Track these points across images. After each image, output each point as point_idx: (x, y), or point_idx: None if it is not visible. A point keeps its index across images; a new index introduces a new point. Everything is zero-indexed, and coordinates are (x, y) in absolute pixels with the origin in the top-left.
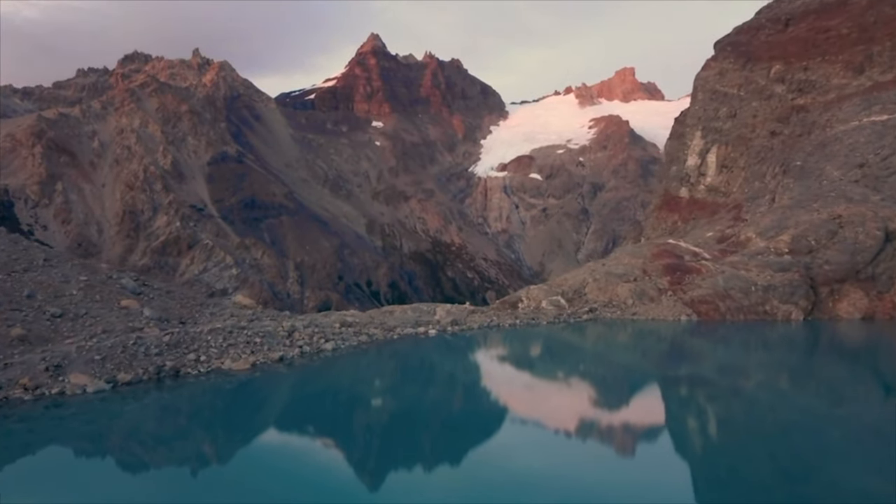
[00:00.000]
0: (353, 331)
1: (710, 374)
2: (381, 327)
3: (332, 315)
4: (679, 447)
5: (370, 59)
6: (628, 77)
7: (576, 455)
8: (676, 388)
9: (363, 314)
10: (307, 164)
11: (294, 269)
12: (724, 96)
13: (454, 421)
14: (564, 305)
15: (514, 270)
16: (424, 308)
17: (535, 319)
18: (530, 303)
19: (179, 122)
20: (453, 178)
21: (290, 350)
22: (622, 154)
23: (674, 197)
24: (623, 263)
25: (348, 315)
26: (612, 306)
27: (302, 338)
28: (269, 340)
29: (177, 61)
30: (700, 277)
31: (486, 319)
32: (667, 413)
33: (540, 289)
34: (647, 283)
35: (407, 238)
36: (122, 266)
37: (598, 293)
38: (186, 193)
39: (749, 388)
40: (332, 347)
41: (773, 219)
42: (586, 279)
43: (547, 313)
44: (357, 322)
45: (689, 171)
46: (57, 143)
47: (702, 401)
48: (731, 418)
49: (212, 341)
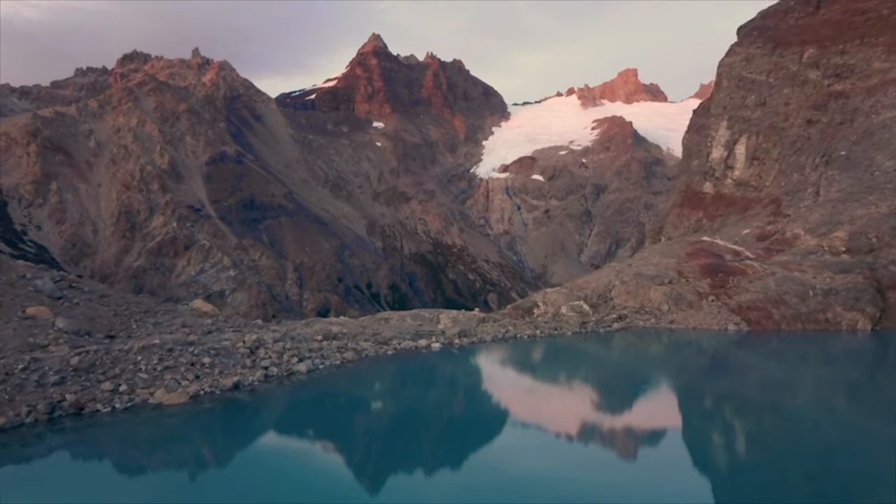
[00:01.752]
0: (338, 345)
1: (779, 399)
2: (374, 339)
3: (316, 324)
4: (729, 483)
5: (371, 59)
6: (631, 78)
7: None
8: (744, 428)
9: (353, 322)
10: (307, 165)
11: (293, 270)
12: (752, 83)
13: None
14: (588, 312)
15: (517, 272)
16: (426, 315)
17: (557, 329)
18: (547, 308)
19: (178, 121)
20: (455, 180)
21: (250, 373)
22: (625, 155)
23: (696, 192)
24: (653, 264)
25: (334, 324)
26: (645, 313)
27: (268, 356)
28: (224, 361)
29: (176, 61)
30: (746, 280)
31: (500, 329)
32: (723, 443)
33: (558, 292)
34: (684, 286)
35: (408, 239)
36: (118, 267)
37: (627, 297)
38: (184, 194)
39: (822, 419)
40: (308, 368)
41: (822, 213)
42: (612, 282)
43: (569, 321)
44: (344, 333)
45: (713, 165)
46: (52, 142)
47: (770, 441)
48: (791, 447)
49: (142, 363)
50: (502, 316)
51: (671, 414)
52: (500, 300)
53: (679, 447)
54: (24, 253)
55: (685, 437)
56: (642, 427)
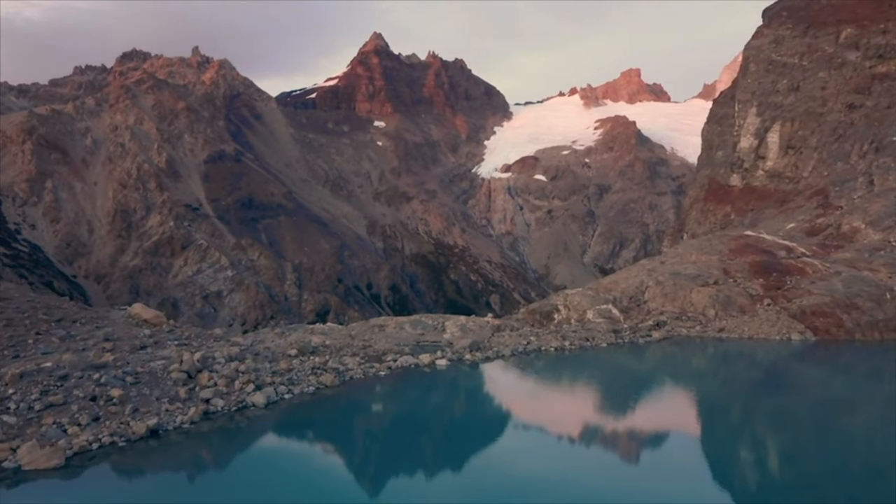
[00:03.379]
0: (315, 363)
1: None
2: (363, 354)
3: (292, 333)
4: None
5: (373, 58)
6: (634, 78)
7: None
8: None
9: (340, 330)
10: (307, 164)
11: (292, 270)
12: (783, 67)
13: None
14: (618, 317)
15: (519, 273)
16: (429, 322)
17: (588, 340)
18: (570, 313)
19: (176, 119)
20: (456, 179)
21: (181, 410)
22: (629, 155)
23: (722, 186)
24: (690, 261)
25: (316, 333)
26: (688, 319)
27: (213, 383)
28: (145, 392)
29: (176, 59)
30: (807, 280)
31: (520, 341)
32: None
33: (582, 294)
34: (733, 287)
35: (409, 240)
36: (113, 267)
37: (664, 301)
38: (181, 192)
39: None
40: (268, 400)
41: (884, 205)
42: (644, 282)
43: (597, 328)
44: (326, 346)
45: (742, 156)
46: (48, 140)
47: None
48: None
49: (13, 399)
50: (520, 323)
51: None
52: (502, 301)
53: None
54: (18, 252)
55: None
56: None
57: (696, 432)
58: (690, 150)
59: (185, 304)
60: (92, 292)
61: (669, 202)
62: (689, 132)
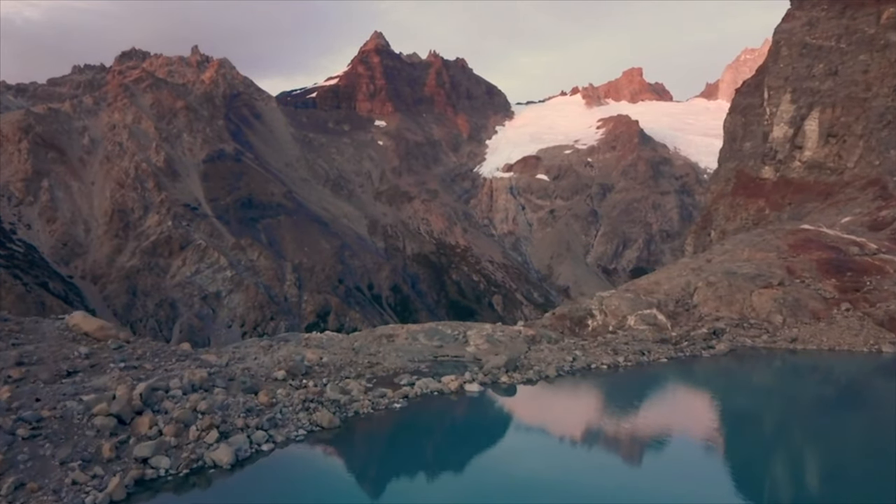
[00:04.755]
0: (309, 391)
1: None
2: (370, 375)
3: (281, 348)
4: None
5: (373, 57)
6: (636, 77)
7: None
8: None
9: (340, 342)
10: (308, 164)
11: (292, 271)
12: (819, 50)
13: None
14: (665, 324)
15: (522, 274)
16: (447, 331)
17: (644, 354)
18: (607, 319)
19: (175, 118)
20: (458, 179)
21: (97, 484)
22: (632, 154)
23: (752, 179)
24: (743, 259)
25: (311, 346)
26: (750, 327)
27: (157, 432)
28: (43, 454)
29: (175, 58)
30: (890, 281)
31: (564, 356)
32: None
33: (620, 297)
34: (801, 289)
35: (410, 240)
36: (110, 268)
37: (718, 304)
38: (180, 192)
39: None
40: (235, 457)
41: None
42: (691, 283)
43: (642, 336)
44: (323, 364)
45: (775, 146)
46: (44, 139)
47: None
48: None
49: None
50: (559, 334)
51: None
52: (504, 302)
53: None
54: (12, 252)
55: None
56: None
57: (815, 483)
58: (693, 149)
59: (184, 305)
60: (88, 293)
61: (673, 202)
62: (692, 131)
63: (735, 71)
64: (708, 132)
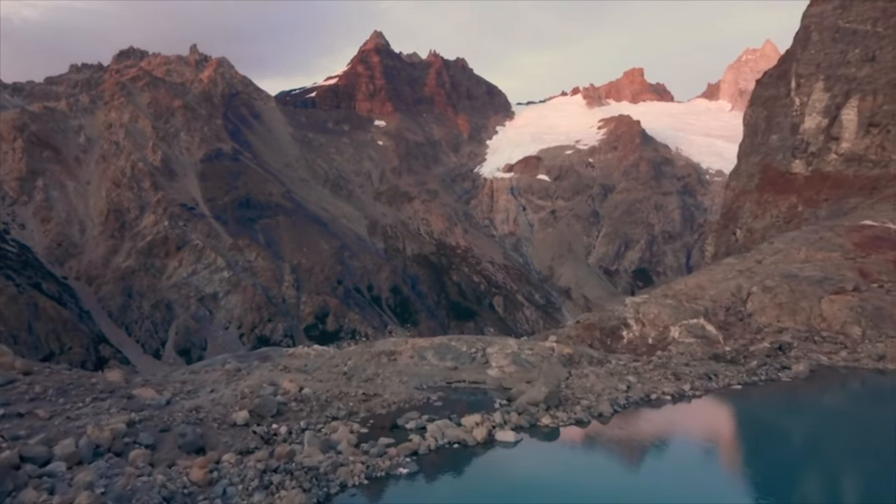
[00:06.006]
0: (272, 461)
1: None
2: (364, 413)
3: (254, 371)
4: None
5: (373, 56)
6: (637, 78)
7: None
8: None
9: (329, 361)
10: (307, 164)
11: (290, 272)
12: (853, 35)
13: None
14: (716, 336)
15: (523, 275)
16: (462, 348)
17: (711, 378)
18: (645, 330)
19: (172, 117)
20: (458, 179)
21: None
22: (633, 155)
23: (781, 174)
24: (801, 260)
25: (292, 371)
26: (823, 341)
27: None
28: None
29: (174, 57)
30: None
31: (615, 384)
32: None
33: (660, 304)
34: (882, 295)
35: (410, 240)
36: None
37: (779, 313)
38: (177, 191)
39: None
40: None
41: None
42: (743, 287)
43: (687, 350)
44: (303, 398)
45: (807, 138)
46: (40, 138)
47: None
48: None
49: None
50: (600, 353)
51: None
52: (505, 303)
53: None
54: (6, 253)
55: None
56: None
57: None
58: (695, 149)
59: (180, 307)
60: (82, 294)
61: (675, 202)
62: (694, 132)
63: (736, 71)
64: (710, 132)
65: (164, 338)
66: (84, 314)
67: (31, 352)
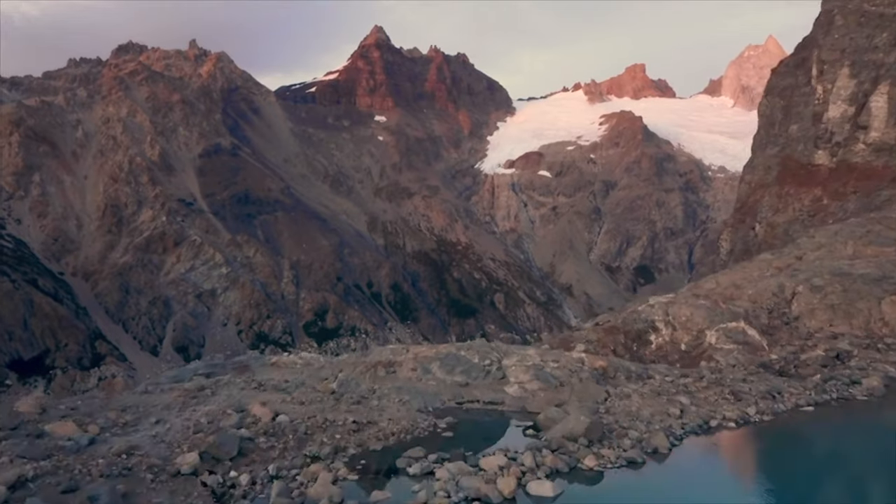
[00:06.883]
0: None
1: None
2: (354, 451)
3: (220, 392)
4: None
5: (373, 51)
6: (639, 74)
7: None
8: None
9: (317, 374)
10: (307, 160)
11: (289, 268)
12: (880, 18)
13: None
14: (759, 343)
15: (524, 271)
16: (474, 359)
17: (774, 397)
18: (677, 334)
19: (171, 112)
20: (459, 175)
21: None
22: (635, 151)
23: (803, 166)
24: (849, 255)
25: (268, 389)
26: (888, 349)
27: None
28: None
29: (173, 52)
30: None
31: (665, 407)
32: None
33: (692, 305)
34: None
35: (410, 237)
36: (102, 264)
37: (831, 316)
38: (175, 187)
39: None
40: None
41: None
42: (785, 286)
43: (730, 356)
44: (277, 427)
45: (831, 127)
46: (36, 132)
47: None
48: None
49: None
50: (638, 366)
51: None
52: (507, 300)
53: None
54: (1, 248)
55: None
56: None
57: None
58: (697, 145)
59: (178, 303)
60: (79, 290)
61: (677, 199)
62: (696, 128)
63: (738, 67)
64: (712, 129)
65: (161, 334)
66: (80, 310)
67: (27, 348)
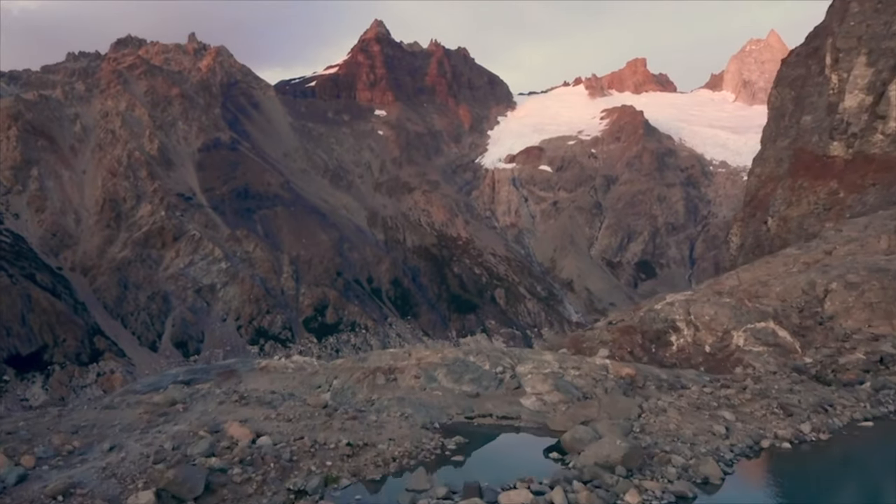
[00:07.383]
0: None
1: None
2: (348, 482)
3: (194, 408)
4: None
5: (373, 45)
6: (640, 68)
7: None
8: None
9: (311, 377)
10: (306, 154)
11: (289, 263)
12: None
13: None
14: (791, 344)
15: (525, 267)
16: (484, 366)
17: (826, 410)
18: (700, 335)
19: (169, 106)
20: (459, 170)
21: None
22: (636, 146)
23: (818, 157)
24: (884, 250)
25: (251, 403)
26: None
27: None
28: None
29: (172, 46)
30: None
31: (708, 424)
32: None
33: (714, 303)
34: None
35: (411, 231)
36: (101, 259)
37: (870, 316)
38: (174, 181)
39: None
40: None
41: None
42: (817, 283)
43: (759, 359)
44: (258, 454)
45: (847, 118)
46: (34, 126)
47: None
48: None
49: None
50: (669, 373)
51: None
52: (507, 296)
53: None
54: None
55: None
56: None
57: None
58: (698, 140)
59: (177, 299)
60: (77, 286)
61: (679, 194)
62: (697, 122)
63: (740, 61)
64: (713, 123)
65: (160, 330)
66: (79, 306)
67: (25, 344)
